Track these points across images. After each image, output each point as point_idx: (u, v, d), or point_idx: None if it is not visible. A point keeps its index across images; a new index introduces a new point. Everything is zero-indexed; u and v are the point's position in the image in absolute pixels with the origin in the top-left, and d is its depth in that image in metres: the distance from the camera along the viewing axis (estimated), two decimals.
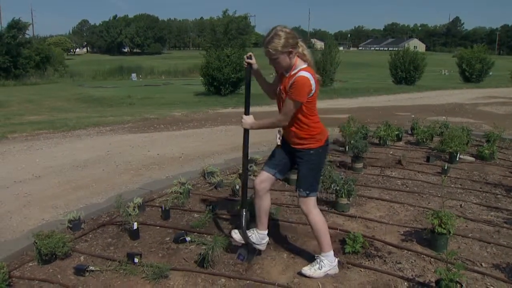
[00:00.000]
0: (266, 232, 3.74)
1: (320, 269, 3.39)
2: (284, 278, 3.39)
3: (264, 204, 3.61)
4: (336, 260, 3.48)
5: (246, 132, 3.60)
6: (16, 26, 38.47)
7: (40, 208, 5.27)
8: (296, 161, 3.47)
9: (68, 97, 21.92)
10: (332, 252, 3.45)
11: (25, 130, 10.98)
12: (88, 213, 4.71)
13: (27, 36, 41.85)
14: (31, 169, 7.08)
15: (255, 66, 3.58)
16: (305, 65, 3.20)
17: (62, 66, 47.28)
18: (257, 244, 3.69)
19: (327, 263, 3.40)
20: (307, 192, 3.37)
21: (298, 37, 3.21)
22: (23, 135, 10.38)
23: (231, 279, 3.37)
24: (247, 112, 3.58)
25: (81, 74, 43.08)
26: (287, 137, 3.46)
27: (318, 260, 3.43)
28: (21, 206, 5.38)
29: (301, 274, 3.42)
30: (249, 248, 3.64)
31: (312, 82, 3.14)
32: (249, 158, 6.50)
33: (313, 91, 3.18)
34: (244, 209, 3.67)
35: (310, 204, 3.40)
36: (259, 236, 3.71)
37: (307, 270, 3.42)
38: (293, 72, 3.20)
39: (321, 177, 3.68)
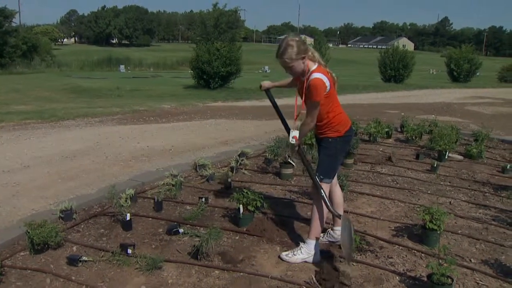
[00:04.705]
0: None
1: (295, 256, 3.56)
2: (277, 271, 3.42)
3: (331, 197, 3.82)
4: (317, 250, 3.58)
5: (299, 148, 3.68)
6: (2, 14, 37.79)
7: (29, 198, 5.21)
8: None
9: (56, 87, 21.65)
10: (314, 242, 3.57)
11: (12, 119, 10.83)
12: (79, 204, 4.67)
13: (13, 25, 41.23)
14: (20, 159, 7.00)
15: (269, 85, 3.95)
16: (315, 66, 3.42)
17: (50, 56, 46.47)
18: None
19: (304, 251, 3.56)
20: (321, 177, 3.57)
21: (306, 43, 3.44)
22: (10, 124, 10.24)
23: (225, 271, 3.38)
24: (288, 129, 3.69)
25: (69, 65, 42.33)
26: (314, 128, 3.66)
27: (298, 247, 3.61)
28: (10, 196, 5.31)
29: (279, 258, 3.61)
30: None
31: (325, 80, 3.35)
32: (240, 152, 6.57)
33: (328, 88, 3.37)
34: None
35: (320, 189, 3.55)
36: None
37: (284, 255, 3.61)
38: (307, 76, 3.40)
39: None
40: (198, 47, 20.77)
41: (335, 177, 3.86)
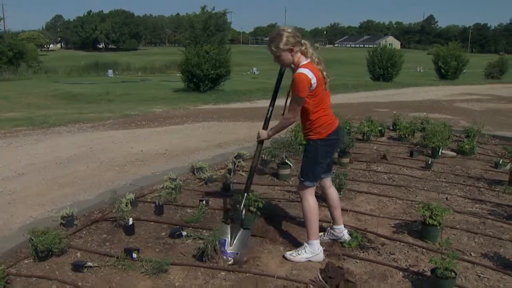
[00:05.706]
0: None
1: (300, 255, 3.59)
2: (282, 271, 3.45)
3: (328, 200, 3.89)
4: (321, 249, 3.62)
5: (260, 143, 3.84)
6: None
7: (26, 206, 5.19)
8: None
9: (45, 93, 21.52)
10: (316, 241, 3.60)
11: (3, 127, 10.73)
12: (78, 210, 4.64)
13: None
14: (13, 167, 6.95)
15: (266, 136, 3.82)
16: (306, 62, 3.36)
17: (36, 62, 46.05)
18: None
19: (308, 251, 3.58)
20: (302, 179, 3.58)
21: (300, 37, 3.38)
22: (1, 132, 10.15)
23: (231, 272, 3.40)
24: (264, 127, 3.80)
25: (56, 70, 41.88)
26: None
27: (302, 247, 3.63)
28: (6, 204, 5.28)
29: (284, 257, 3.64)
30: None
31: (311, 76, 3.28)
32: (236, 154, 6.59)
33: (313, 86, 3.31)
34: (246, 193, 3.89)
35: (304, 191, 3.59)
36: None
37: (288, 254, 3.64)
38: (294, 69, 3.38)
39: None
40: (187, 50, 20.73)
41: (329, 180, 3.87)
